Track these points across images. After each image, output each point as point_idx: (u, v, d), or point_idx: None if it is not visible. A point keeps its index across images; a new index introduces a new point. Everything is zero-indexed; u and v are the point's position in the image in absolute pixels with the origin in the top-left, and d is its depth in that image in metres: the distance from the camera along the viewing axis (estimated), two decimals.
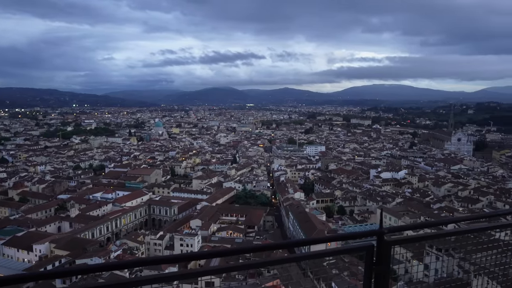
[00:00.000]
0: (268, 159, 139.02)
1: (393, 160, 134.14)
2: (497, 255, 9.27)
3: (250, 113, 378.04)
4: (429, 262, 43.69)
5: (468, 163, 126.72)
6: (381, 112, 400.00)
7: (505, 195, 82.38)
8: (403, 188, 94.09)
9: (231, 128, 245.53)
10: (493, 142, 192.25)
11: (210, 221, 66.10)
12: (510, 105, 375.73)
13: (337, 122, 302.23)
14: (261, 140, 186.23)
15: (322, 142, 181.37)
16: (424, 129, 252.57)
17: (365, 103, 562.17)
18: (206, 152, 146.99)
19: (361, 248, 3.05)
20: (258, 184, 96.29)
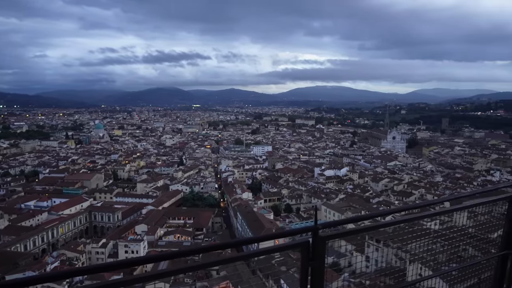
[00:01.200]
0: (216, 160, 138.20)
1: (336, 158, 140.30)
2: (428, 243, 10.10)
3: (197, 114, 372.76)
4: (370, 254, 46.48)
5: (402, 160, 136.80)
6: (324, 113, 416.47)
7: (433, 188, 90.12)
8: (345, 184, 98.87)
9: (177, 130, 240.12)
10: (423, 140, 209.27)
11: (156, 225, 64.11)
12: (437, 106, 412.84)
13: (282, 123, 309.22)
14: (208, 141, 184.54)
15: (268, 142, 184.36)
16: (363, 129, 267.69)
17: (309, 103, 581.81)
18: (151, 154, 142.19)
19: (297, 245, 3.10)
20: (205, 186, 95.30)
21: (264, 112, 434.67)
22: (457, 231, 7.41)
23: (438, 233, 16.52)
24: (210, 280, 36.22)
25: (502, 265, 4.56)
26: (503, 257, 4.54)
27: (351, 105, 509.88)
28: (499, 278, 4.57)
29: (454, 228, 10.30)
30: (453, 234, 7.51)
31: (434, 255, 6.32)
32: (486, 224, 5.51)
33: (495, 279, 4.62)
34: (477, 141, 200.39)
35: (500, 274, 4.57)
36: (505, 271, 4.54)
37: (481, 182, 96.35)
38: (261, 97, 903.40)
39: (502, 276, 4.55)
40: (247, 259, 3.82)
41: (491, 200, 4.51)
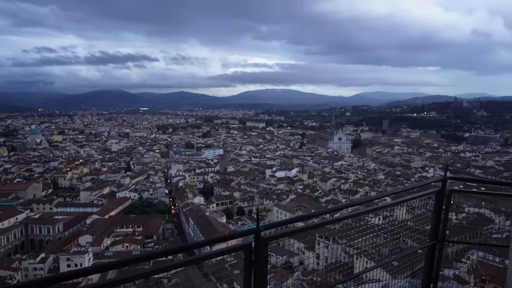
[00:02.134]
0: (166, 165, 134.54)
1: (286, 159, 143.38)
2: (372, 237, 10.67)
3: (145, 117, 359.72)
4: (320, 251, 47.97)
5: (348, 159, 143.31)
6: (274, 115, 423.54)
7: (376, 185, 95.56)
8: (295, 185, 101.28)
9: (123, 134, 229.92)
10: (366, 140, 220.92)
11: (102, 235, 60.81)
12: (378, 108, 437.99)
13: (233, 125, 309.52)
14: (157, 145, 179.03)
15: (219, 145, 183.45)
16: (311, 130, 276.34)
17: (259, 106, 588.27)
18: (96, 160, 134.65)
19: (240, 247, 3.10)
20: (155, 192, 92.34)
21: (214, 115, 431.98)
22: (398, 224, 7.91)
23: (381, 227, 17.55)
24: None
25: (431, 254, 5.01)
26: (431, 247, 5.00)
27: (299, 108, 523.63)
28: (429, 266, 5.02)
29: (395, 221, 11.01)
30: (394, 227, 8.02)
31: (378, 248, 6.69)
32: (421, 216, 5.96)
33: (425, 267, 5.06)
34: (414, 141, 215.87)
35: (430, 262, 5.02)
36: (434, 259, 5.00)
37: (418, 178, 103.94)
38: (212, 100, 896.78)
39: (431, 264, 5.01)
40: (198, 263, 3.77)
41: (420, 194, 4.91)
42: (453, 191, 5.08)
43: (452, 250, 36.19)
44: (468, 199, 75.15)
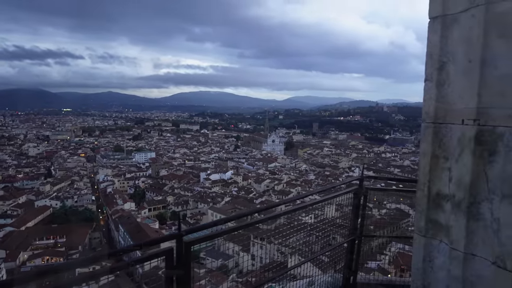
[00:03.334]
0: (92, 170, 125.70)
1: (221, 162, 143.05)
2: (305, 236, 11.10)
3: (68, 119, 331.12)
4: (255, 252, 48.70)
5: (281, 161, 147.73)
6: (208, 118, 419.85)
7: (308, 185, 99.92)
8: (230, 187, 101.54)
9: (43, 137, 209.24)
10: (298, 142, 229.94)
11: (18, 249, 54.86)
12: (308, 111, 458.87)
13: (166, 128, 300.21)
14: (82, 149, 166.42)
15: (152, 148, 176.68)
16: (245, 133, 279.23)
17: (193, 108, 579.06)
18: (9, 166, 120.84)
19: (160, 253, 2.99)
20: (80, 199, 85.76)
21: (146, 117, 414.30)
22: (328, 222, 8.31)
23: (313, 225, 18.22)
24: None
25: (351, 248, 5.54)
26: (351, 242, 5.56)
27: (233, 110, 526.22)
28: (349, 260, 5.53)
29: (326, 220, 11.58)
30: (326, 225, 8.42)
31: (310, 246, 6.99)
32: (348, 214, 6.38)
33: (346, 261, 5.59)
34: (341, 142, 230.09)
35: (350, 256, 5.53)
36: (353, 254, 5.52)
37: (344, 177, 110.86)
38: (143, 101, 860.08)
39: (351, 258, 5.53)
40: (114, 272, 3.43)
41: (341, 193, 5.39)
42: (368, 189, 5.57)
43: (376, 243, 39.19)
44: (389, 196, 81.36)
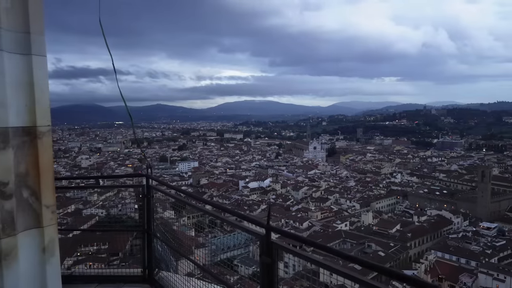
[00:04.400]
0: (138, 180, 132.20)
1: (261, 170, 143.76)
2: None
3: (119, 131, 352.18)
4: None
5: (321, 168, 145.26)
6: (252, 126, 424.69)
7: (347, 192, 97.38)
8: (268, 195, 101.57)
9: (95, 149, 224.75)
10: (341, 149, 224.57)
11: (64, 255, 59.02)
12: (353, 117, 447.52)
13: (211, 137, 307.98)
14: (130, 159, 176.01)
15: (195, 157, 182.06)
16: (288, 140, 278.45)
17: (237, 118, 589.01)
18: (63, 178, 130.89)
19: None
20: (124, 207, 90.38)
21: (192, 127, 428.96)
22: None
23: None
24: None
25: (143, 245, 6.06)
26: (142, 237, 6.06)
27: (278, 118, 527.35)
28: (143, 256, 5.97)
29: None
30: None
31: None
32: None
33: (141, 256, 6.03)
34: (385, 148, 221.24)
35: (143, 252, 6.00)
36: (145, 250, 5.94)
37: (386, 183, 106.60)
38: (190, 112, 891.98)
39: (143, 253, 5.96)
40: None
41: (123, 185, 6.00)
42: (153, 187, 5.90)
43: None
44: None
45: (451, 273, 47.60)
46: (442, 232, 66.86)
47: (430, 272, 47.52)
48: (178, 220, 35.27)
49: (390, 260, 52.85)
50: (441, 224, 69.27)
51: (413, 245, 61.25)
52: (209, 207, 4.80)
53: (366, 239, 59.99)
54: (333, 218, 75.65)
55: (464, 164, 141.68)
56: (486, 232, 64.33)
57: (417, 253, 60.55)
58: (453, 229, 68.34)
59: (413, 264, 51.17)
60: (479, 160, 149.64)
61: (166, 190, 6.01)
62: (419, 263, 49.96)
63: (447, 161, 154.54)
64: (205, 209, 4.94)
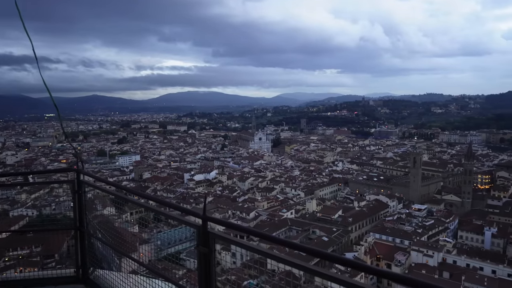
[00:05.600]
0: (73, 176, 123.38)
1: (207, 162, 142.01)
2: None
3: (50, 124, 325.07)
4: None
5: (267, 158, 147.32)
6: (196, 118, 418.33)
7: (292, 181, 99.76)
8: (214, 187, 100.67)
9: (23, 144, 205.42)
10: (285, 139, 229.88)
11: None
12: (297, 108, 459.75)
13: (153, 130, 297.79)
14: (64, 155, 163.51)
15: (137, 151, 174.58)
16: (233, 132, 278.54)
17: (181, 109, 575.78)
18: None
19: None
20: (59, 206, 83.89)
21: (133, 119, 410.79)
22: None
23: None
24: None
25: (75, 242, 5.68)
26: (75, 233, 5.69)
27: (222, 110, 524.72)
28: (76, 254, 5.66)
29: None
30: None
31: None
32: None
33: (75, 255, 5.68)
34: (327, 137, 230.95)
35: (76, 250, 5.68)
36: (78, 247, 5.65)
37: (328, 172, 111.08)
38: (129, 104, 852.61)
39: (77, 251, 5.67)
40: None
41: (51, 181, 6.11)
42: (84, 182, 5.66)
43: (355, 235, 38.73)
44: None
45: (387, 252, 50.98)
46: (379, 216, 71.40)
47: (369, 253, 50.44)
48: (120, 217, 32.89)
49: (333, 244, 55.17)
50: (379, 208, 73.94)
51: (354, 229, 64.64)
52: (152, 201, 4.64)
53: (311, 225, 61.98)
54: (279, 207, 77.11)
55: (398, 152, 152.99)
56: (417, 213, 70.02)
57: (358, 236, 64.03)
58: (389, 212, 73.38)
59: (354, 246, 53.92)
60: (411, 147, 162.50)
61: (99, 185, 5.77)
62: (359, 245, 52.74)
63: (384, 149, 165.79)
64: (140, 203, 4.84)
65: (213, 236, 3.31)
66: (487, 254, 51.56)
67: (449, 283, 40.27)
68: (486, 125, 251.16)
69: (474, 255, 49.68)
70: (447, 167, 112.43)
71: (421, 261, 47.47)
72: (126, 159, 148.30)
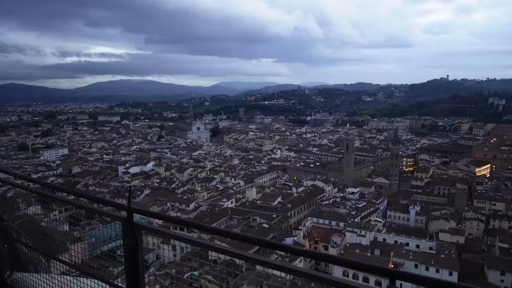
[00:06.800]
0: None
1: (143, 154, 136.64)
2: None
3: None
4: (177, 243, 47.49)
5: (206, 148, 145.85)
6: (130, 108, 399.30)
7: (231, 171, 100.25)
8: (152, 179, 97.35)
9: None
10: (224, 128, 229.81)
11: None
12: (235, 97, 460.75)
13: (82, 121, 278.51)
14: None
15: (64, 144, 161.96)
16: (170, 122, 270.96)
17: (113, 99, 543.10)
18: None
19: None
20: None
21: (58, 110, 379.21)
22: None
23: None
24: None
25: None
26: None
27: (157, 99, 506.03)
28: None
29: None
30: None
31: None
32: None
33: None
34: (266, 126, 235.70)
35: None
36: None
37: (267, 160, 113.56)
38: (54, 93, 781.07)
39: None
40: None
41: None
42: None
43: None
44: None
45: (324, 235, 53.88)
46: (316, 200, 74.97)
47: (307, 236, 52.87)
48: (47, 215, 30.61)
49: (273, 230, 56.76)
50: (316, 193, 77.56)
51: (293, 214, 67.01)
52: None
53: (251, 213, 63.03)
54: (220, 196, 77.03)
55: (332, 139, 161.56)
56: (351, 196, 74.65)
57: (297, 221, 66.62)
58: (325, 196, 77.34)
59: (294, 231, 56.09)
60: (344, 134, 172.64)
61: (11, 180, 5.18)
62: (298, 230, 55.02)
63: (319, 136, 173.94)
64: (59, 197, 4.60)
65: (139, 228, 3.21)
66: (411, 231, 56.94)
67: (380, 259, 43.75)
68: (410, 112, 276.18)
69: (401, 232, 54.38)
70: (377, 152, 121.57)
71: (355, 241, 50.71)
72: (52, 153, 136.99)
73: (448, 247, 47.35)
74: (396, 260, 44.57)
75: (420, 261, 44.15)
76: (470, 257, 50.63)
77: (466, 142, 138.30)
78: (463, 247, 51.91)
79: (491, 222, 63.89)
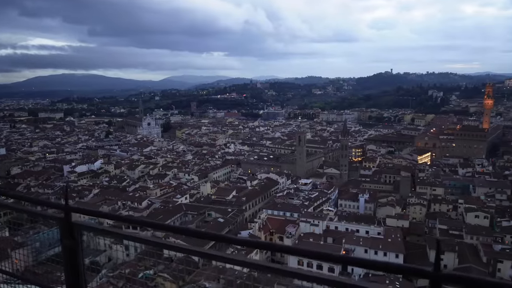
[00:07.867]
0: None
1: (90, 151, 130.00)
2: None
3: None
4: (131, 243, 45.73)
5: (157, 144, 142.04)
6: (75, 103, 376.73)
7: (185, 166, 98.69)
8: (100, 178, 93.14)
9: None
10: (176, 123, 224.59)
11: None
12: (186, 91, 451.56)
13: (21, 118, 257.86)
14: None
15: (1, 143, 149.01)
16: (119, 117, 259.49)
17: (55, 94, 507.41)
18: None
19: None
20: None
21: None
22: None
23: None
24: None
25: None
26: None
27: (104, 94, 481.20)
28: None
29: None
30: None
31: None
32: None
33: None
34: (219, 120, 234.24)
35: None
36: None
37: (221, 154, 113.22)
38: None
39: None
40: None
41: None
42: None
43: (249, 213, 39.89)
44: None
45: (279, 226, 55.07)
46: (271, 192, 76.24)
47: (263, 229, 53.72)
48: None
49: (228, 224, 56.93)
50: (270, 185, 78.83)
51: (248, 208, 67.61)
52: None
53: (206, 208, 62.67)
54: (173, 193, 75.51)
55: (285, 131, 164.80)
56: (304, 187, 76.91)
57: (252, 214, 67.33)
58: (279, 188, 78.89)
59: (249, 224, 56.65)
60: (296, 127, 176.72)
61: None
62: (253, 222, 55.65)
63: (272, 129, 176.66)
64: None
65: (78, 228, 3.08)
66: (361, 218, 60.05)
67: (333, 246, 45.68)
68: (358, 105, 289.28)
69: (351, 220, 57.13)
70: (327, 144, 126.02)
71: (308, 230, 52.35)
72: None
73: (394, 232, 50.59)
74: (348, 246, 46.79)
75: (369, 246, 46.72)
76: (414, 239, 54.57)
77: (409, 132, 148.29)
78: (407, 230, 55.79)
79: (432, 206, 69.11)
